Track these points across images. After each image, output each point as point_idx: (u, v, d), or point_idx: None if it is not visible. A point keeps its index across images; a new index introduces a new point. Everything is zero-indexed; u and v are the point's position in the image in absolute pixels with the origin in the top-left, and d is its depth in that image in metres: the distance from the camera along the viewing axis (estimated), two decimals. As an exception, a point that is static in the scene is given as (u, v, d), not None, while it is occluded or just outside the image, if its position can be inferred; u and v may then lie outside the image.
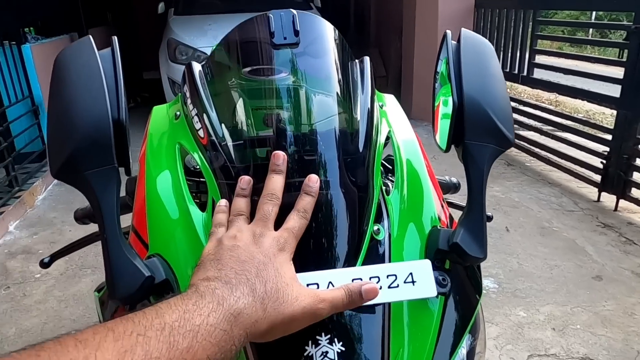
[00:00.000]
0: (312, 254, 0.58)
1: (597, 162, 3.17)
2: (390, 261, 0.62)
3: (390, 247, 0.63)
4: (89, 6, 4.58)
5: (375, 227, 0.63)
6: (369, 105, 0.71)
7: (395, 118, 0.80)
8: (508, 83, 5.60)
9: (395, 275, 0.55)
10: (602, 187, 3.12)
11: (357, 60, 0.77)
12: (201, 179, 0.71)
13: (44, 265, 0.94)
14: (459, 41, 0.68)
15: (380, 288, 0.54)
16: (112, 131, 0.56)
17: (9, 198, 3.02)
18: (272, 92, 0.68)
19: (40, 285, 2.36)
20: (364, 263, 0.60)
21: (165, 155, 0.71)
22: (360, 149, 0.66)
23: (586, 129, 3.48)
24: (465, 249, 0.59)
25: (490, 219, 1.02)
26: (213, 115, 0.68)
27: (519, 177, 3.59)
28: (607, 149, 3.12)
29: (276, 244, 0.53)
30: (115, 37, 0.62)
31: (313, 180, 0.58)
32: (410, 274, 0.55)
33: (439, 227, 0.66)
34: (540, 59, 3.88)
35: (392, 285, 0.55)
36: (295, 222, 0.55)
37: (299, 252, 0.56)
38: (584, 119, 4.00)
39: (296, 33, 0.67)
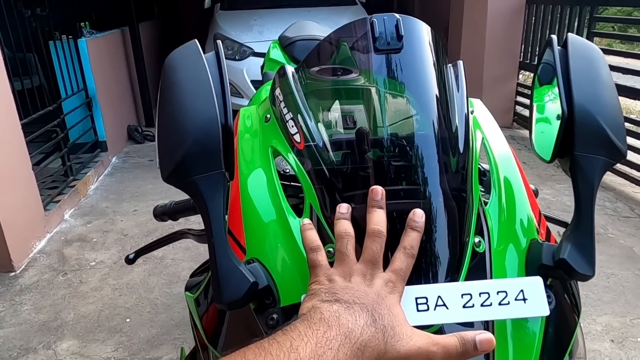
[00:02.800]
0: (415, 266, 0.57)
1: (655, 166, 3.04)
2: (492, 275, 0.60)
3: (492, 261, 0.61)
4: (138, 1, 4.69)
5: (477, 239, 0.61)
6: (466, 111, 0.69)
7: (486, 124, 0.78)
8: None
9: (506, 292, 0.53)
10: (660, 193, 2.98)
11: (450, 64, 0.75)
12: (292, 183, 0.71)
13: (129, 261, 0.97)
14: (565, 46, 0.65)
15: (491, 304, 0.53)
16: (221, 136, 0.56)
17: (64, 187, 3.13)
18: (371, 96, 0.67)
19: (95, 273, 2.44)
20: (467, 277, 0.58)
21: (258, 158, 0.71)
22: (459, 157, 0.64)
23: (641, 131, 3.33)
24: (573, 266, 0.57)
25: None
26: (310, 121, 0.68)
27: (569, 179, 3.47)
28: (667, 152, 2.98)
29: (386, 287, 0.52)
30: (220, 42, 0.63)
31: (418, 215, 0.56)
32: (522, 291, 0.54)
33: (539, 241, 0.64)
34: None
35: (502, 302, 0.53)
36: (402, 262, 0.53)
37: None
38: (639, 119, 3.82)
39: (399, 38, 0.66)
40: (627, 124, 3.45)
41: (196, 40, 0.64)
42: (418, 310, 0.52)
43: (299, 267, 0.60)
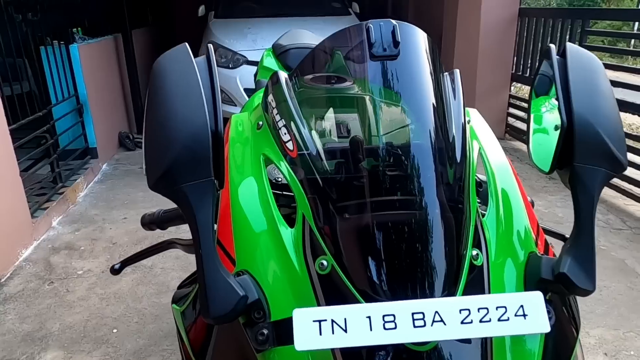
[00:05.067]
0: (410, 277, 0.55)
1: (646, 178, 3.05)
2: (489, 289, 0.58)
3: (490, 275, 0.59)
4: (132, 8, 4.68)
5: (474, 252, 0.59)
6: (462, 120, 0.67)
7: (483, 134, 0.77)
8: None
9: (506, 308, 0.51)
10: (651, 205, 2.99)
11: (447, 73, 0.74)
12: (283, 192, 0.69)
13: (115, 271, 0.93)
14: (563, 56, 0.64)
15: (490, 320, 0.51)
16: (211, 143, 0.54)
17: (53, 194, 3.08)
18: (365, 104, 0.65)
19: (82, 282, 2.39)
20: (464, 291, 0.56)
21: (250, 166, 0.69)
22: (456, 168, 0.63)
23: (632, 144, 3.35)
24: (573, 280, 0.55)
25: None
26: (304, 128, 0.66)
27: (562, 191, 3.48)
28: (658, 165, 3.00)
29: None
30: (211, 45, 0.61)
31: None
32: (522, 306, 0.52)
33: (538, 254, 0.62)
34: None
35: (502, 318, 0.51)
36: None
37: (398, 273, 0.53)
38: (631, 133, 3.84)
39: (396, 44, 0.64)
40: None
41: (186, 43, 0.62)
42: (415, 327, 0.50)
43: (290, 280, 0.58)
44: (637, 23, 9.28)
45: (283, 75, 0.75)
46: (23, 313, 2.15)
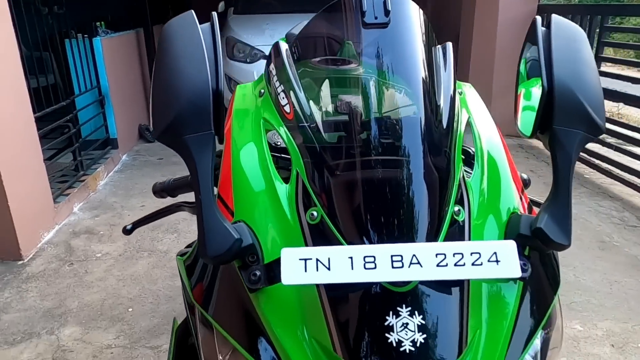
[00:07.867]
0: (393, 226, 0.59)
1: (664, 176, 3.01)
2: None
3: (470, 229, 0.63)
4: (152, 4, 4.79)
5: (456, 208, 0.63)
6: (451, 92, 0.71)
7: (474, 106, 0.80)
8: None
9: (479, 253, 0.55)
10: (668, 203, 2.95)
11: (439, 46, 0.77)
12: (281, 155, 0.73)
13: (127, 232, 0.99)
14: (548, 27, 0.67)
15: (464, 264, 0.55)
16: (212, 99, 0.59)
17: (74, 181, 3.19)
18: (357, 71, 0.69)
19: (100, 264, 2.48)
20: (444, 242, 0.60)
21: (250, 130, 0.74)
22: (442, 134, 0.67)
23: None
24: (549, 235, 0.59)
25: None
26: (299, 92, 0.71)
27: (576, 188, 3.45)
28: (676, 163, 2.96)
29: None
30: (215, 13, 0.66)
31: None
32: (495, 253, 0.55)
33: (519, 214, 0.66)
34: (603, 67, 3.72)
35: (475, 263, 0.55)
36: None
37: (381, 223, 0.57)
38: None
39: (387, 13, 0.68)
40: (635, 134, 3.44)
41: (192, 11, 0.67)
42: (393, 267, 0.54)
43: (282, 229, 0.62)
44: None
45: (284, 45, 0.80)
46: (44, 291, 2.25)
